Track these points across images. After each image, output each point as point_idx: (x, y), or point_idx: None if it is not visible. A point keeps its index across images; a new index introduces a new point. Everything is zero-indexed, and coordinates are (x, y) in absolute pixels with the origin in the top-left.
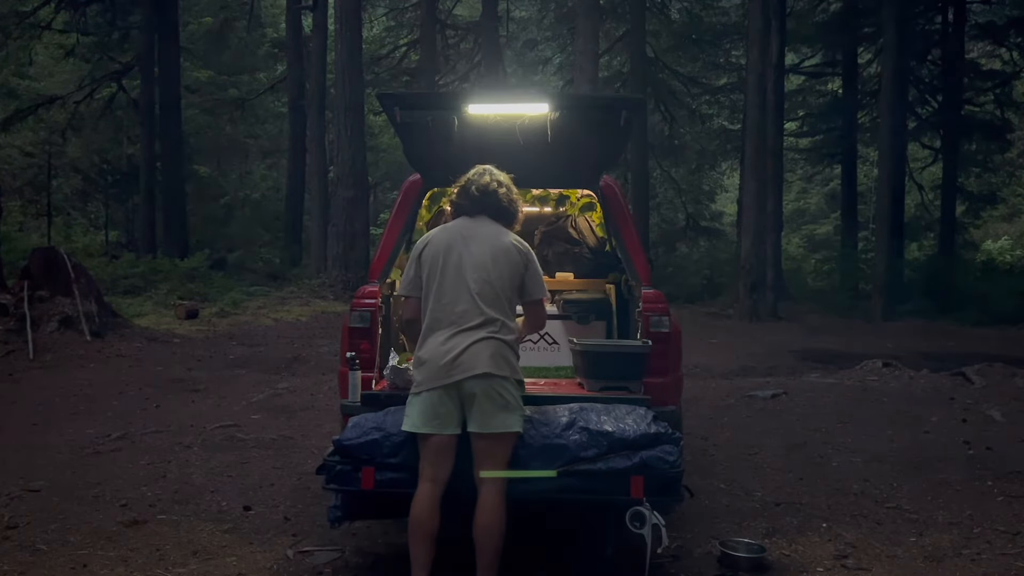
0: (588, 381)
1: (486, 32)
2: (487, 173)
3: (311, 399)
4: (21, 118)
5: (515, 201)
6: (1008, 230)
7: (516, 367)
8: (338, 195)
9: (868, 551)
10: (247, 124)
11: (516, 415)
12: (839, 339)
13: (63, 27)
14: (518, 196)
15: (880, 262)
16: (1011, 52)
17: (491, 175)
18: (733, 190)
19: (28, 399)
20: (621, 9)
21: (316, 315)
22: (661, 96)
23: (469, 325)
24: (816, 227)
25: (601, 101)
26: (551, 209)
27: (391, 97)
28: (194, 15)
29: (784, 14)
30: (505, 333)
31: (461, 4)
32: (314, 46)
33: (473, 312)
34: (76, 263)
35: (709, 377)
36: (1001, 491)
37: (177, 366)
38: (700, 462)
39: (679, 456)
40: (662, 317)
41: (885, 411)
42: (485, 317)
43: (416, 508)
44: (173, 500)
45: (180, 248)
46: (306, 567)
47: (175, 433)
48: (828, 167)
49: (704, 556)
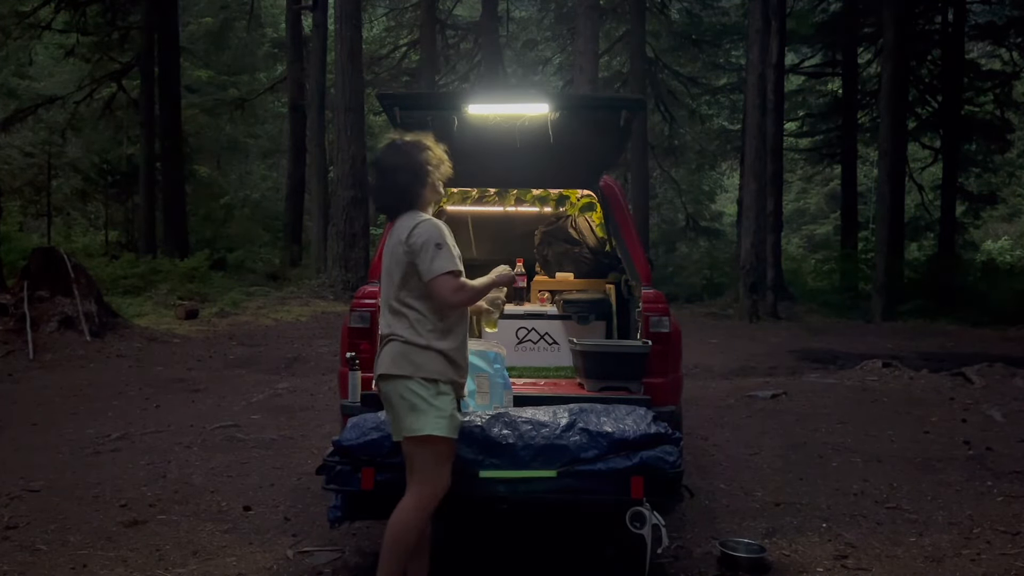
0: (588, 381)
1: (486, 32)
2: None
3: (311, 399)
4: (21, 118)
5: (401, 169)
6: (1008, 230)
7: (423, 365)
8: (338, 195)
9: (868, 551)
10: (247, 124)
11: (427, 417)
12: (839, 339)
13: (63, 27)
14: (422, 158)
15: (880, 262)
16: (1011, 52)
17: (381, 150)
18: (733, 190)
19: (28, 399)
20: (621, 9)
21: (316, 315)
22: (661, 96)
23: (382, 331)
24: (816, 227)
25: (601, 101)
26: (551, 209)
27: (391, 97)
28: (194, 15)
29: (784, 14)
30: (411, 333)
31: (461, 4)
32: (314, 46)
33: (384, 315)
34: (76, 263)
35: (709, 377)
36: (1001, 491)
37: (177, 366)
38: (700, 462)
39: (679, 456)
40: (662, 317)
41: (885, 411)
42: (388, 320)
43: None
44: (173, 500)
45: (180, 248)
46: (306, 567)
47: (175, 433)
48: (828, 167)
49: (704, 556)
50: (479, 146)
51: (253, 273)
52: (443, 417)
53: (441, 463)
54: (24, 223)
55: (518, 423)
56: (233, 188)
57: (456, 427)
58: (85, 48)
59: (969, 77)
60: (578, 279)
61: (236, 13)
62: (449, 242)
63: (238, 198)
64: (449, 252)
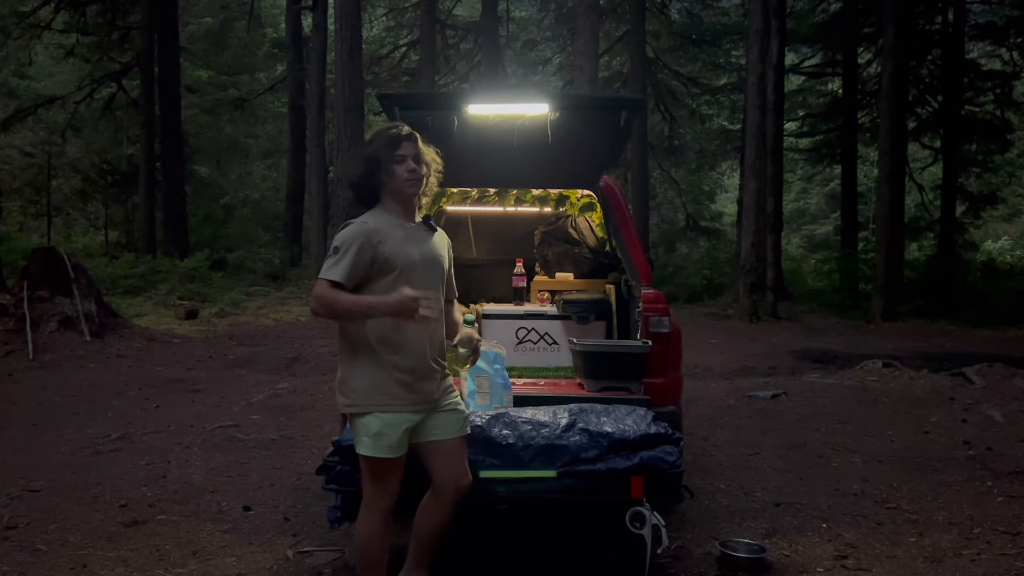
0: (588, 381)
1: (486, 32)
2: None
3: (311, 399)
4: (21, 118)
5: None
6: (1008, 230)
7: (341, 387)
8: (338, 195)
9: (868, 551)
10: (247, 124)
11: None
12: (839, 339)
13: (63, 27)
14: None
15: (880, 262)
16: (1011, 52)
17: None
18: (733, 190)
19: (28, 399)
20: (621, 9)
21: None
22: (661, 96)
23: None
24: (816, 227)
25: (601, 101)
26: (551, 209)
27: (391, 97)
28: (194, 15)
29: (784, 14)
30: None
31: (461, 4)
32: (314, 46)
33: None
34: (76, 263)
35: (709, 377)
36: (1001, 491)
37: (177, 366)
38: (700, 462)
39: (679, 456)
40: (662, 317)
41: (885, 411)
42: None
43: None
44: (173, 500)
45: (180, 248)
46: (306, 567)
47: (175, 433)
48: (828, 167)
49: (704, 556)
50: (479, 146)
51: (253, 273)
52: (360, 440)
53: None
54: (24, 223)
55: (518, 423)
56: (233, 188)
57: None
58: (85, 48)
59: (969, 77)
60: (578, 279)
61: (236, 13)
62: (355, 249)
63: (238, 198)
64: (340, 259)
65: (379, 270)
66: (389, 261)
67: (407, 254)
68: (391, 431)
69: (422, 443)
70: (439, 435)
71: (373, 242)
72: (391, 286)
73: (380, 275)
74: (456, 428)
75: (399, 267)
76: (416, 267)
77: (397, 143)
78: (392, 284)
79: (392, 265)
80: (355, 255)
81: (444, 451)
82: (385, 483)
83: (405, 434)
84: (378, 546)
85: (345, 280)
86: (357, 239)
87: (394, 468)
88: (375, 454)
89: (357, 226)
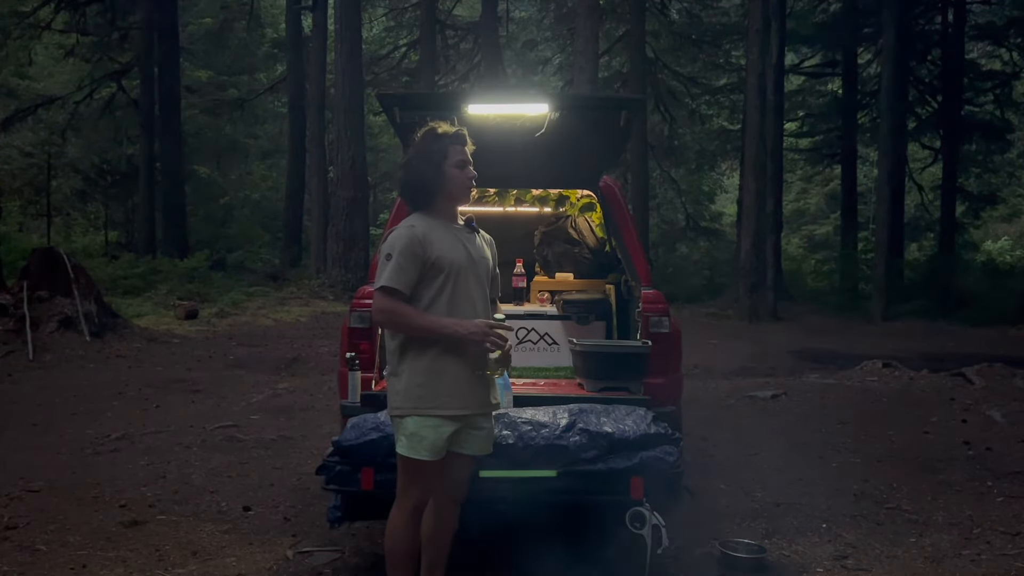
0: (588, 381)
1: (486, 32)
2: None
3: (311, 399)
4: (21, 118)
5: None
6: (1008, 230)
7: (392, 396)
8: (338, 195)
9: (868, 551)
10: (247, 124)
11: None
12: (839, 339)
13: (63, 27)
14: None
15: (880, 262)
16: (1011, 52)
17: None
18: (733, 190)
19: (28, 399)
20: (621, 9)
21: (316, 315)
22: (661, 96)
23: None
24: (816, 227)
25: (601, 101)
26: (551, 209)
27: (391, 97)
28: (194, 15)
29: (784, 14)
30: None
31: (461, 4)
32: (314, 46)
33: None
34: (76, 263)
35: (709, 377)
36: (1001, 491)
37: (177, 366)
38: (700, 462)
39: (679, 456)
40: (662, 317)
41: (885, 411)
42: None
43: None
44: (173, 500)
45: (180, 248)
46: (306, 567)
47: (175, 433)
48: (828, 167)
49: (704, 556)
50: (479, 146)
51: (253, 273)
52: (399, 440)
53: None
54: (24, 223)
55: (518, 423)
56: (233, 188)
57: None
58: (85, 48)
59: (969, 77)
60: (578, 279)
61: (236, 13)
62: (409, 254)
63: (238, 198)
64: (395, 266)
65: (429, 273)
66: (438, 264)
67: (455, 256)
68: (429, 434)
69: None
70: (463, 449)
71: (424, 245)
72: (440, 288)
73: (430, 278)
74: (479, 447)
75: (447, 269)
76: (464, 269)
77: (458, 144)
78: (441, 286)
79: (440, 267)
80: (409, 260)
81: (458, 463)
82: (415, 484)
83: (445, 441)
84: (403, 545)
85: (404, 287)
86: (409, 244)
87: (428, 470)
88: (409, 455)
89: (406, 230)
